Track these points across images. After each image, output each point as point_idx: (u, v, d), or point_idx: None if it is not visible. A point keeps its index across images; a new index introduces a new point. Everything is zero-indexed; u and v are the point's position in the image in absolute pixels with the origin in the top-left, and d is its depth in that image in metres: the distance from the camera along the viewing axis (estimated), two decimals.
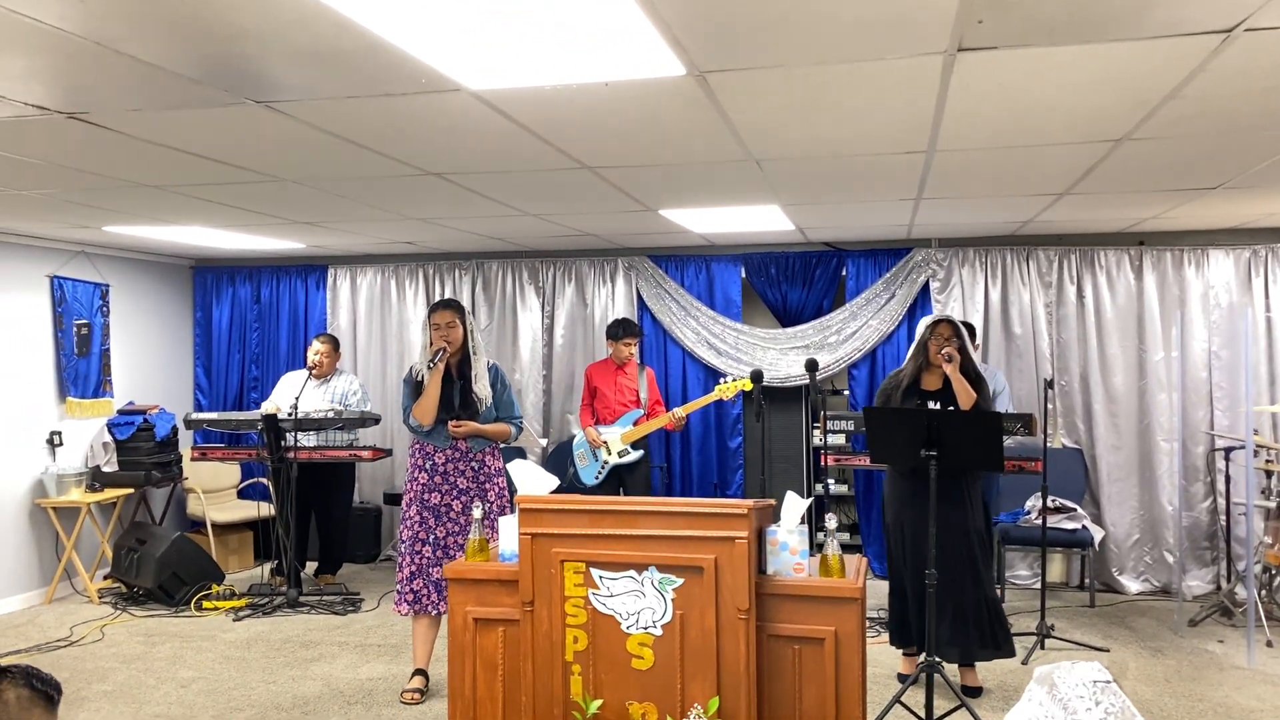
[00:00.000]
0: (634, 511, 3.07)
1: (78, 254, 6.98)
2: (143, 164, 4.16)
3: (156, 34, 2.55)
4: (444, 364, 4.68)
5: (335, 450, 6.55)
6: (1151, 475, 6.72)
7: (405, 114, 3.35)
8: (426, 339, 4.74)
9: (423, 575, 4.66)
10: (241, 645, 5.57)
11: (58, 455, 6.74)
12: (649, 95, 3.15)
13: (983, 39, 2.63)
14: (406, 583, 4.67)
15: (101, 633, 5.86)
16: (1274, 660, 5.22)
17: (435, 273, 7.83)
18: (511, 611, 3.21)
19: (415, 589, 4.66)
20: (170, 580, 6.39)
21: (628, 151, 3.99)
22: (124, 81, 2.97)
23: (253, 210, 5.41)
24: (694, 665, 3.01)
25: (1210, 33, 2.60)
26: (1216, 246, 6.67)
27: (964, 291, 7.00)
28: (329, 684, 4.94)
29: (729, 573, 2.98)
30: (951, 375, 4.56)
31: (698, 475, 7.39)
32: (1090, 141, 3.88)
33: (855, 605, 3.02)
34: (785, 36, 2.62)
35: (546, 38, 2.58)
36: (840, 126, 3.57)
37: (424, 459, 4.73)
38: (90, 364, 7.03)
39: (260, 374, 8.04)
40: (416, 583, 4.66)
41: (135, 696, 4.77)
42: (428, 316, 4.77)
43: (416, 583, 4.66)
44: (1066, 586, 6.92)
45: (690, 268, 7.47)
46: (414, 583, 4.66)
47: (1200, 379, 6.68)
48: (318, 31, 2.52)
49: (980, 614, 4.59)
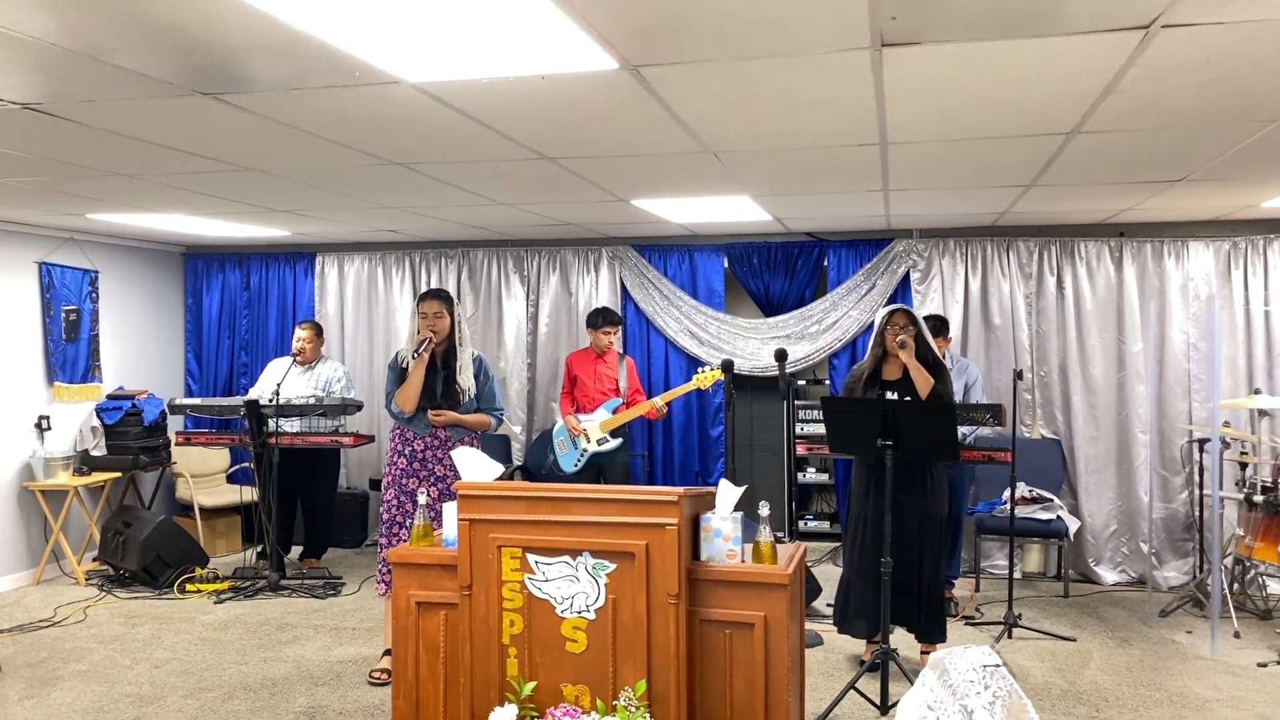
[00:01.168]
0: (568, 498, 3.13)
1: (66, 240, 7.08)
2: (109, 154, 4.23)
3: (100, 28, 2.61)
4: (429, 353, 4.76)
5: (318, 436, 6.63)
6: (1129, 467, 6.73)
7: (352, 105, 3.40)
8: (414, 327, 4.81)
9: None
10: (219, 627, 5.67)
11: (46, 439, 6.85)
12: (587, 88, 3.19)
13: (902, 35, 2.66)
14: (385, 563, 4.75)
15: (85, 614, 5.97)
16: (1239, 651, 5.24)
17: (421, 261, 7.90)
18: (452, 595, 3.28)
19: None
20: (154, 563, 6.50)
21: (582, 143, 4.04)
22: (71, 74, 3.03)
23: (227, 198, 5.48)
24: (625, 649, 3.07)
25: (1129, 29, 2.63)
26: (1196, 238, 6.67)
27: (944, 282, 7.02)
28: (299, 666, 5.03)
29: (659, 558, 3.03)
30: (907, 362, 4.60)
31: (679, 464, 7.44)
32: (1041, 135, 3.90)
33: (784, 591, 3.06)
34: (710, 31, 2.65)
35: (475, 32, 2.63)
36: (784, 119, 3.60)
37: (403, 444, 4.82)
38: (79, 349, 7.14)
39: (250, 360, 8.13)
40: None
41: (109, 676, 4.87)
42: (416, 305, 4.84)
43: None
44: (1044, 577, 6.94)
45: (673, 257, 7.51)
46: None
47: (1180, 370, 6.68)
48: (246, 27, 2.57)
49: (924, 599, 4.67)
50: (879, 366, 4.77)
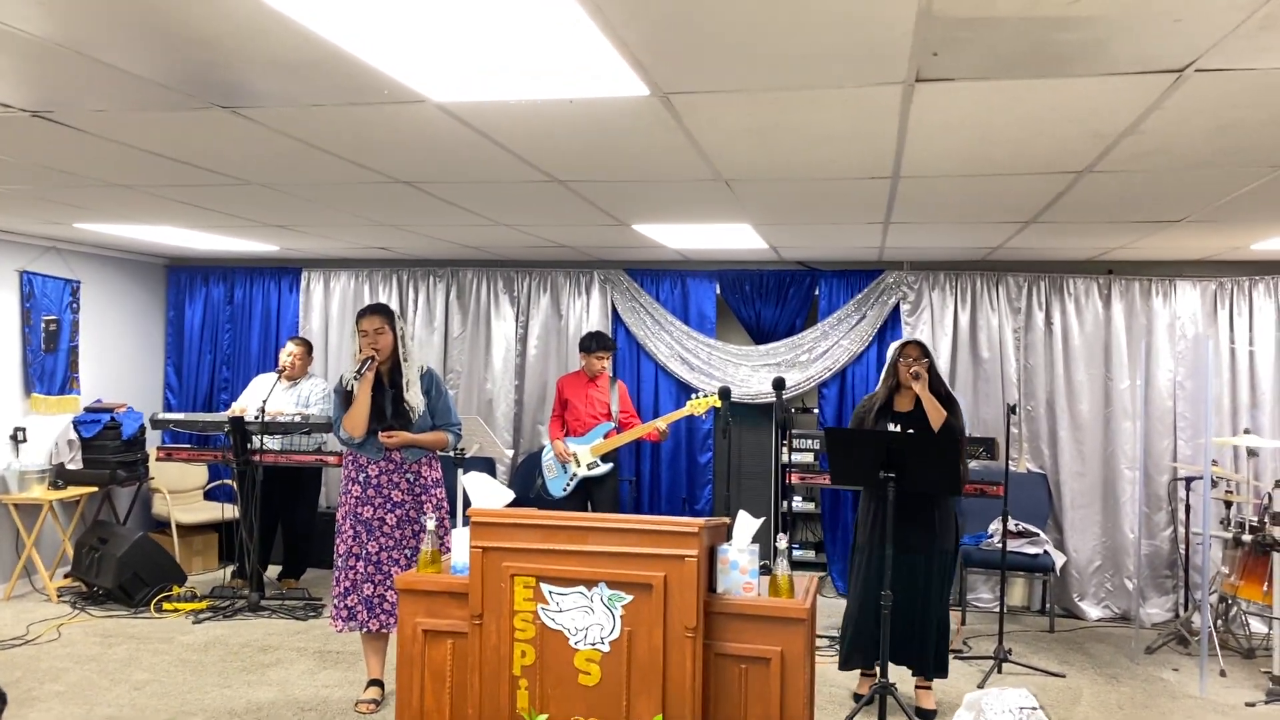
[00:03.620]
0: (585, 528, 3.08)
1: (48, 249, 6.94)
2: (109, 164, 4.15)
3: (122, 38, 2.55)
4: (373, 372, 4.55)
5: (301, 455, 6.53)
6: (1114, 502, 6.77)
7: (371, 122, 3.36)
8: (355, 346, 4.61)
9: (356, 591, 4.56)
10: (199, 648, 5.54)
11: (21, 451, 6.69)
12: (614, 113, 3.17)
13: (940, 71, 2.67)
14: (341, 599, 4.57)
15: (58, 632, 5.81)
16: (1226, 690, 5.27)
17: (410, 279, 7.83)
18: (461, 624, 3.21)
19: (350, 605, 4.57)
20: (131, 580, 6.34)
21: (597, 167, 4.02)
22: (89, 83, 2.97)
23: (222, 212, 5.40)
24: (640, 682, 3.02)
25: (1163, 71, 2.65)
26: (1184, 277, 6.75)
27: (933, 315, 7.05)
28: (284, 690, 4.92)
29: (678, 591, 2.99)
30: (921, 393, 4.61)
31: (666, 490, 7.40)
32: (1053, 173, 3.92)
33: (803, 626, 3.03)
34: (745, 62, 2.65)
35: (509, 53, 2.60)
36: (805, 150, 3.60)
37: (357, 471, 4.61)
38: (57, 360, 6.99)
39: (231, 375, 8.00)
40: (351, 599, 4.57)
41: (87, 697, 4.73)
42: (355, 323, 4.62)
43: (351, 599, 4.57)
44: (1028, 611, 6.96)
45: (665, 282, 7.49)
46: (348, 599, 4.57)
47: (1165, 408, 6.74)
48: (281, 41, 2.53)
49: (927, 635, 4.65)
50: (891, 397, 4.77)
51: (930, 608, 4.62)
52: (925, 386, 4.61)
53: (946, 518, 4.66)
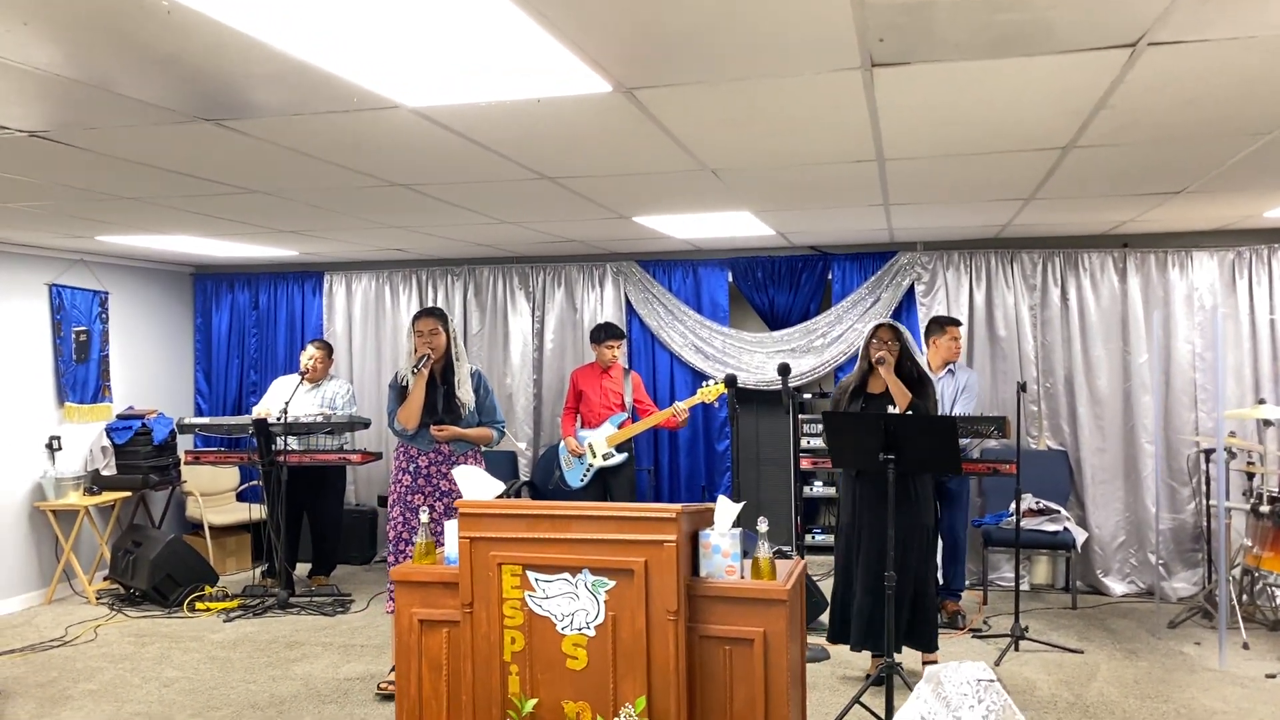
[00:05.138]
0: (568, 516, 3.16)
1: (76, 262, 7.15)
2: (113, 178, 4.29)
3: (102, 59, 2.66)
4: (428, 370, 4.85)
5: (324, 454, 6.68)
6: (1136, 477, 6.72)
7: (352, 129, 3.45)
8: (411, 346, 4.92)
9: None
10: (228, 645, 5.71)
11: (56, 459, 6.91)
12: (583, 110, 3.23)
13: (891, 55, 2.70)
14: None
15: (95, 633, 6.01)
16: (1247, 662, 5.22)
17: (428, 279, 7.95)
18: (454, 613, 3.30)
19: None
20: (165, 582, 6.54)
21: (581, 163, 4.08)
22: (77, 102, 3.08)
23: (235, 220, 5.54)
24: (626, 665, 3.09)
25: (1115, 47, 2.65)
26: (1200, 248, 6.66)
27: (949, 294, 7.03)
28: (307, 683, 5.05)
29: (658, 575, 3.05)
30: (885, 376, 4.68)
31: (685, 478, 7.46)
32: (1037, 149, 3.92)
33: (784, 607, 3.08)
34: (701, 56, 2.70)
35: (471, 58, 2.67)
36: (780, 138, 3.64)
37: (408, 461, 4.90)
38: (89, 370, 7.21)
39: (259, 379, 8.19)
40: None
41: (118, 695, 4.91)
42: (411, 324, 4.94)
43: None
44: (1052, 588, 6.92)
45: (678, 272, 7.54)
46: None
47: (1186, 380, 6.67)
48: (244, 56, 2.62)
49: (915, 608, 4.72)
50: (864, 380, 4.81)
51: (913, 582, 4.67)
52: (890, 370, 4.67)
53: (925, 494, 4.70)
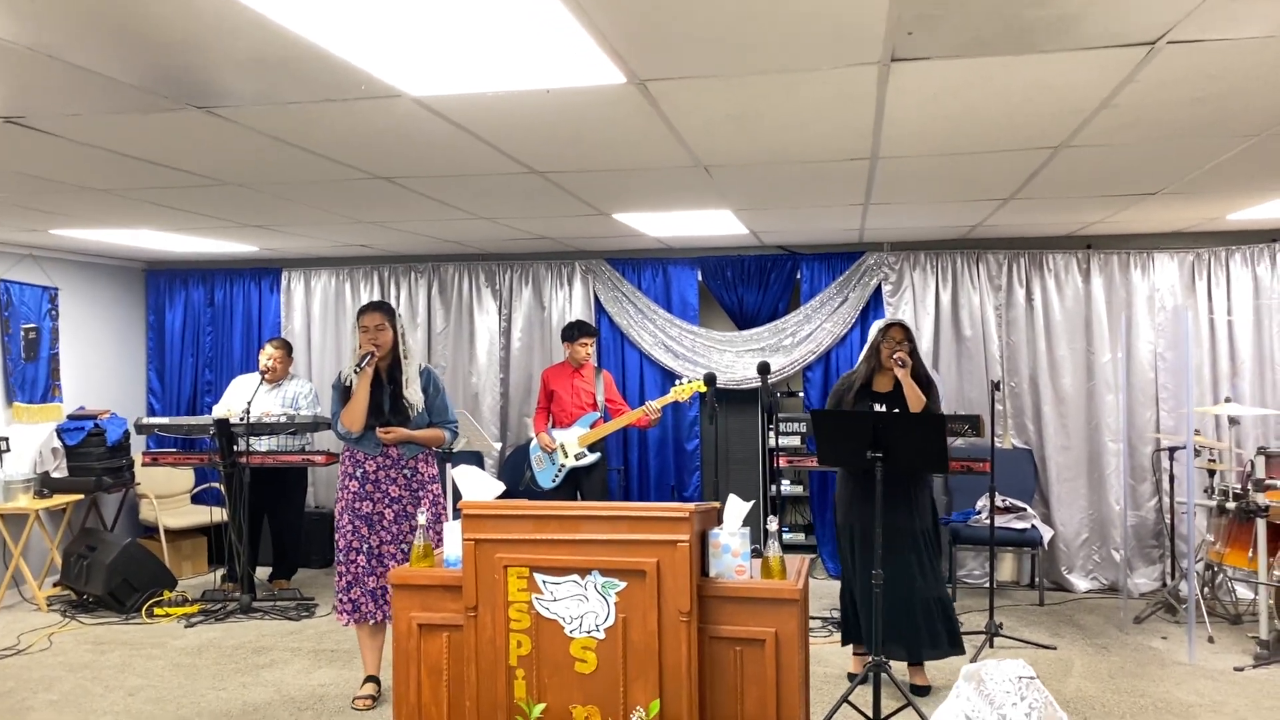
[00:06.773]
0: (577, 516, 3.09)
1: (25, 257, 6.89)
2: (86, 168, 4.12)
3: (93, 40, 2.54)
4: (373, 368, 4.55)
5: (288, 455, 6.51)
6: (1100, 475, 6.83)
7: (348, 118, 3.35)
8: (355, 342, 4.61)
9: (359, 584, 4.58)
10: (192, 652, 5.53)
11: (4, 461, 6.64)
12: (592, 102, 3.17)
13: (915, 50, 2.68)
14: (344, 592, 4.59)
15: (49, 641, 5.78)
16: (1215, 656, 5.32)
17: (391, 275, 7.80)
18: (455, 617, 3.22)
19: (354, 598, 4.59)
20: (121, 587, 6.31)
21: (575, 157, 4.02)
22: (62, 87, 2.95)
23: (200, 213, 5.37)
24: (636, 668, 3.04)
25: (1135, 45, 2.67)
26: (1161, 250, 6.80)
27: (915, 294, 7.08)
28: (280, 690, 4.91)
29: (670, 576, 3.00)
30: (903, 380, 4.62)
31: (655, 478, 7.42)
32: (1030, 148, 3.95)
33: (795, 606, 3.05)
34: (722, 48, 2.65)
35: (484, 45, 2.60)
36: (784, 134, 3.61)
37: (354, 466, 4.61)
38: (38, 369, 6.94)
39: (214, 378, 7.96)
40: (354, 592, 4.59)
41: (81, 705, 4.72)
42: (356, 319, 4.63)
43: (354, 592, 4.59)
44: (1017, 585, 7.01)
45: (647, 271, 7.49)
46: (351, 592, 4.59)
47: (1147, 380, 6.80)
48: (254, 39, 2.52)
49: (929, 613, 4.65)
50: (870, 377, 4.79)
51: (917, 590, 4.64)
52: (909, 374, 4.62)
53: (923, 498, 4.69)
